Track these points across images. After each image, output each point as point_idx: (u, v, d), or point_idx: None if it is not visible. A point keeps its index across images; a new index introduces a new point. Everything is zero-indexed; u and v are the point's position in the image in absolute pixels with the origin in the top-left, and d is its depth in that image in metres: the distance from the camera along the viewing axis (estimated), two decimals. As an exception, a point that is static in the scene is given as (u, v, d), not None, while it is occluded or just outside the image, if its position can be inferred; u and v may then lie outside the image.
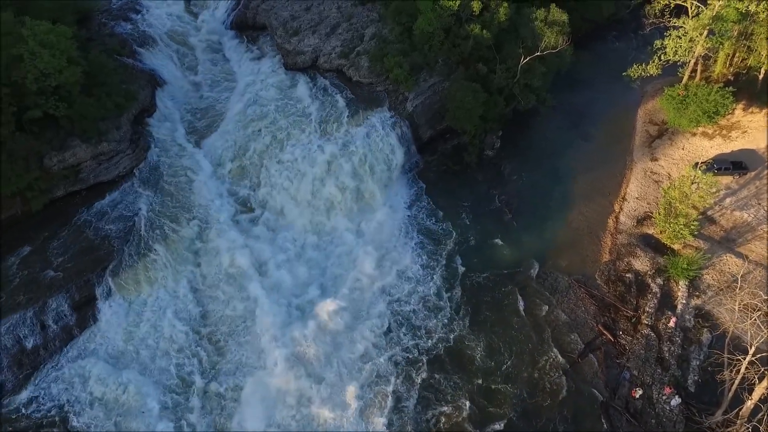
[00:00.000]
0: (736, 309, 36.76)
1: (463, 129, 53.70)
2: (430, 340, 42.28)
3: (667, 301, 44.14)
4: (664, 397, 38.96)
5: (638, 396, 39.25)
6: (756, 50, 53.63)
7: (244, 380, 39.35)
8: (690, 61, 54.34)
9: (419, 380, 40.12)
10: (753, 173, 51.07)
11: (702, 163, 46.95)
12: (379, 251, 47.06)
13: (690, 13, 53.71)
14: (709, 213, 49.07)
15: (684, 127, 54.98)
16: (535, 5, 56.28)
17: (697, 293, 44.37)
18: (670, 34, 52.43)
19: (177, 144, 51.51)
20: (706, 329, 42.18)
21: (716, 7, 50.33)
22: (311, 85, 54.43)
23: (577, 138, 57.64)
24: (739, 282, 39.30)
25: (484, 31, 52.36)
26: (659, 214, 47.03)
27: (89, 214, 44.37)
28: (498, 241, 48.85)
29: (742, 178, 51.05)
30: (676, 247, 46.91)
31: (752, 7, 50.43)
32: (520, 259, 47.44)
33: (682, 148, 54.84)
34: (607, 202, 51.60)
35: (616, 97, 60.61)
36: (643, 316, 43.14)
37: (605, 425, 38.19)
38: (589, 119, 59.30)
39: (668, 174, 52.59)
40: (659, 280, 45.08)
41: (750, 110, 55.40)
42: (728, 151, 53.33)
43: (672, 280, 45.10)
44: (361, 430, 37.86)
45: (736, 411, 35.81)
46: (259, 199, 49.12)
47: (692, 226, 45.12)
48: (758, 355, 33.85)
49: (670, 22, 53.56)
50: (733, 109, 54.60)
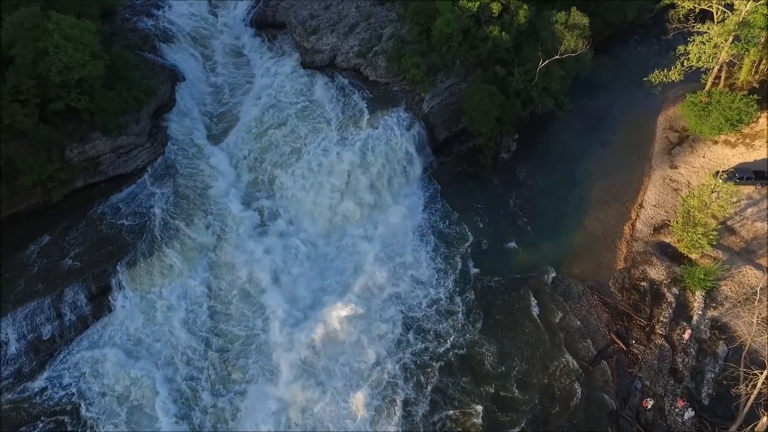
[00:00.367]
0: (754, 322, 35.92)
1: (479, 131, 53.40)
2: (441, 345, 41.89)
3: (682, 312, 43.33)
4: (677, 410, 38.24)
5: (649, 407, 38.59)
6: (783, 58, 52.52)
7: (250, 387, 39.29)
8: (714, 67, 53.24)
9: (430, 386, 39.71)
10: (776, 183, 49.94)
11: (723, 171, 45.97)
12: (393, 255, 46.73)
13: (715, 19, 52.61)
14: (729, 223, 48.04)
15: (705, 135, 53.91)
16: (556, 8, 55.75)
17: (714, 304, 43.47)
18: (694, 40, 51.40)
19: (195, 144, 51.52)
20: (722, 341, 41.30)
21: (743, 12, 49.25)
22: (330, 85, 54.40)
23: (595, 143, 56.82)
24: (758, 295, 38.44)
25: (503, 33, 52.01)
26: (677, 222, 46.19)
27: (106, 207, 45.09)
28: (512, 245, 48.43)
29: (764, 188, 49.88)
30: (693, 256, 46.04)
31: (780, 14, 49.29)
32: (534, 264, 46.96)
33: (703, 156, 53.80)
34: (624, 208, 50.81)
35: (636, 103, 59.61)
36: (657, 326, 42.41)
37: (615, 435, 37.65)
38: (608, 124, 58.44)
39: (688, 182, 51.64)
40: (675, 290, 44.29)
41: (775, 119, 54.19)
42: (751, 160, 52.07)
43: (688, 290, 44.24)
44: None
45: (750, 427, 35.06)
46: (275, 209, 48.60)
47: (711, 236, 44.24)
48: (776, 370, 33.12)
49: (694, 27, 52.52)
50: (758, 118, 53.34)
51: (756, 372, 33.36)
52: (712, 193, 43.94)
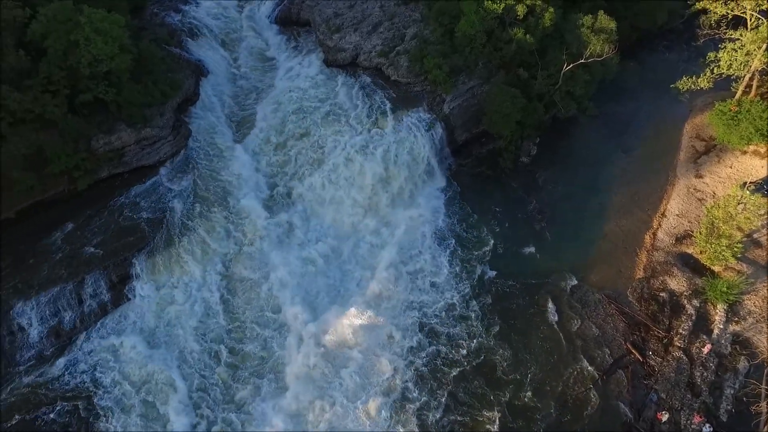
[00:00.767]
0: (778, 338, 35.02)
1: (500, 134, 52.95)
2: (456, 350, 41.51)
3: (702, 325, 42.34)
4: (694, 425, 37.38)
5: (664, 420, 37.80)
6: (819, 67, 50.87)
7: (260, 392, 39.17)
8: (745, 75, 51.87)
9: (444, 392, 39.28)
10: (806, 197, 48.40)
11: (751, 183, 44.91)
12: (411, 260, 46.45)
13: (749, 25, 51.27)
14: (755, 236, 46.75)
15: (734, 145, 52.57)
16: (583, 11, 54.94)
17: (736, 319, 42.37)
18: (726, 47, 50.19)
19: (217, 145, 51.71)
20: (743, 357, 40.25)
21: (777, 20, 48.00)
22: (352, 83, 54.33)
23: (618, 149, 55.86)
24: (783, 310, 37.42)
25: (528, 36, 51.45)
26: (700, 233, 45.14)
27: (128, 197, 45.90)
28: (530, 250, 47.87)
29: (793, 202, 48.47)
30: (716, 268, 44.94)
31: (817, 22, 47.84)
32: (552, 270, 46.35)
33: (730, 167, 52.48)
34: (646, 216, 49.86)
35: (663, 110, 58.44)
36: (676, 338, 41.52)
37: (628, 447, 37.06)
38: (632, 131, 57.39)
39: (713, 192, 50.43)
40: (695, 302, 43.30)
41: (808, 130, 52.52)
42: (781, 172, 50.76)
43: (709, 303, 43.22)
44: None
45: (770, 445, 34.15)
46: (295, 218, 48.30)
47: (735, 248, 43.15)
48: (799, 389, 32.18)
49: (726, 33, 51.27)
50: (789, 129, 51.89)
51: (778, 390, 32.49)
52: (739, 204, 42.85)
